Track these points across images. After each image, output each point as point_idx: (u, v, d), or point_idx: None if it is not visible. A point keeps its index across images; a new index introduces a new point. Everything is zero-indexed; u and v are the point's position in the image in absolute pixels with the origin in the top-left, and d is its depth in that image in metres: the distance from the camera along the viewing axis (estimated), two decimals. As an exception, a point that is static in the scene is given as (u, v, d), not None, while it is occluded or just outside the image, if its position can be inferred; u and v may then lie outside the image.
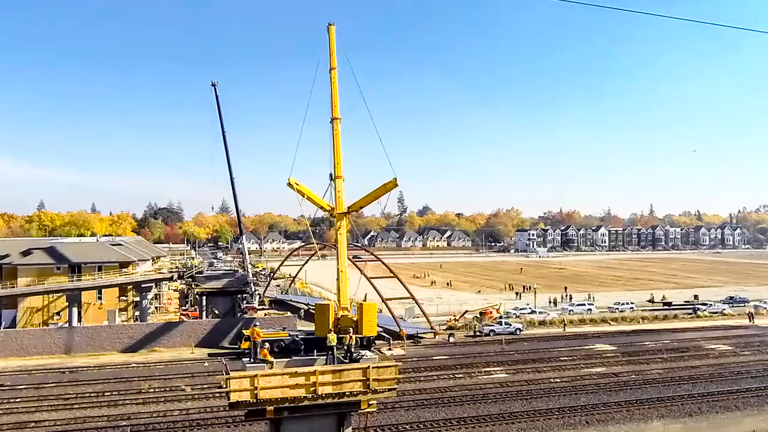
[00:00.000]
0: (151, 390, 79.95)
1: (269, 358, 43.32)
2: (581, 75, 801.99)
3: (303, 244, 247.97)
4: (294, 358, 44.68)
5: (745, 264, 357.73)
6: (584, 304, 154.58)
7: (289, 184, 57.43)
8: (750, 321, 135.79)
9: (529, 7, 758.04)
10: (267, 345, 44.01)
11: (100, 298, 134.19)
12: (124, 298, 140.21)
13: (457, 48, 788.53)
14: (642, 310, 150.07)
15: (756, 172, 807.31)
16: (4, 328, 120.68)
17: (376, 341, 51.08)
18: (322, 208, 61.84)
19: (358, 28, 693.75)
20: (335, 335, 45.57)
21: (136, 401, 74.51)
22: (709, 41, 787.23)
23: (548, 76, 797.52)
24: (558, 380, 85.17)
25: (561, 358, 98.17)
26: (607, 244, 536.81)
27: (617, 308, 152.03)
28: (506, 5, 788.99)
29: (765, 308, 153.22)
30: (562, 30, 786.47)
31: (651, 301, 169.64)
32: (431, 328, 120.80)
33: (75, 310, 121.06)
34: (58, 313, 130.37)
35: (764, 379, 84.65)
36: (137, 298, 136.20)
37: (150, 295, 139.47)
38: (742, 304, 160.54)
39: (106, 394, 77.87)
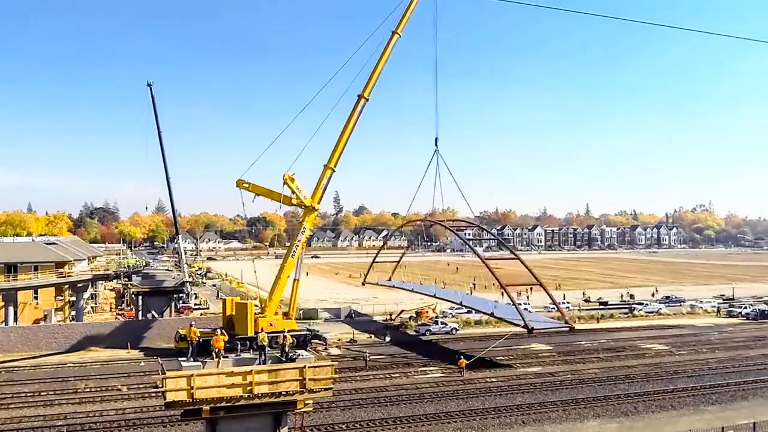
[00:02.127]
0: (87, 390, 79.48)
1: (222, 348, 44.00)
2: (516, 74, 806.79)
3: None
4: (236, 357, 45.07)
5: (681, 263, 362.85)
6: (520, 304, 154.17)
7: (239, 184, 57.87)
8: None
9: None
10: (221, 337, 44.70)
11: (36, 297, 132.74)
12: (61, 297, 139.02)
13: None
14: (578, 310, 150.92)
15: (692, 172, 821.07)
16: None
17: (313, 340, 51.57)
18: (293, 202, 62.90)
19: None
20: (266, 335, 45.92)
21: (72, 401, 74.05)
22: (650, 41, 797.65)
23: (484, 74, 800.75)
24: (494, 380, 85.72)
25: (497, 358, 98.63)
26: (543, 243, 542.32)
27: (553, 308, 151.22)
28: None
29: (701, 308, 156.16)
30: (494, 26, 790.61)
31: (587, 300, 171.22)
32: (566, 321, 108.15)
33: (11, 310, 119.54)
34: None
35: (700, 379, 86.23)
36: (73, 298, 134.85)
37: (86, 295, 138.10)
38: (678, 304, 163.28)
39: (42, 393, 77.22)
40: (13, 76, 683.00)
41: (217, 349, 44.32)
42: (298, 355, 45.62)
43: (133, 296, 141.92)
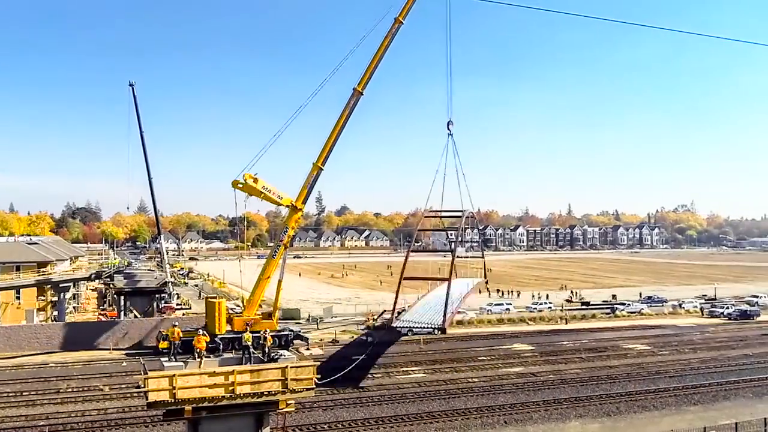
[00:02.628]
0: (69, 390, 78.96)
1: (204, 349, 43.94)
2: (501, 73, 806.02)
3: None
4: (219, 356, 45.09)
5: (663, 264, 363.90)
6: (502, 304, 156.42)
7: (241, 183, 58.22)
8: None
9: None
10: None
11: (18, 297, 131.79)
12: (43, 297, 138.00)
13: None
14: (560, 310, 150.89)
15: (673, 172, 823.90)
16: None
17: (295, 341, 51.55)
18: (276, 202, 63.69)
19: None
20: (250, 334, 45.85)
21: (54, 401, 73.59)
22: (634, 40, 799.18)
23: (469, 72, 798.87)
24: (476, 380, 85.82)
25: (479, 358, 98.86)
26: (525, 243, 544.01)
27: (535, 308, 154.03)
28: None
29: (683, 308, 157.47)
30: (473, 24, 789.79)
31: (569, 300, 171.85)
32: (442, 328, 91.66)
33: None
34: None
35: (682, 379, 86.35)
36: (55, 298, 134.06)
37: (68, 295, 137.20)
38: (660, 304, 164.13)
39: (23, 393, 76.65)
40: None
41: (198, 350, 44.23)
42: (280, 355, 45.63)
43: (115, 296, 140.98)
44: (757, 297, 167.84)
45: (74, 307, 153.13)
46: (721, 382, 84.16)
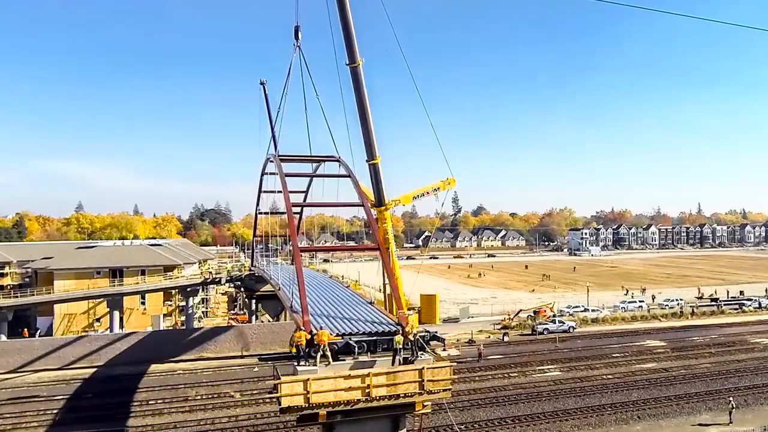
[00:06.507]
0: (198, 397, 79.14)
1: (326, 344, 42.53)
2: (630, 76, 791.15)
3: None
4: (356, 360, 43.99)
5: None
6: (635, 301, 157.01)
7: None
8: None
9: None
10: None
11: (143, 303, 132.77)
12: (170, 302, 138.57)
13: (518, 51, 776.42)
14: (690, 306, 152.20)
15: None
16: (39, 335, 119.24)
17: (431, 342, 50.15)
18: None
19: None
20: (401, 337, 44.48)
21: (182, 409, 73.78)
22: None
23: (597, 78, 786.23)
24: (610, 377, 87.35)
25: (613, 355, 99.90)
26: (657, 242, 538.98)
27: (667, 305, 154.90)
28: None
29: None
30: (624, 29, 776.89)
31: (700, 297, 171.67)
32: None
33: (117, 316, 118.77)
34: (98, 320, 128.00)
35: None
36: (183, 303, 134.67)
37: (197, 299, 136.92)
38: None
39: (150, 402, 76.88)
40: (114, 77, 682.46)
41: (322, 345, 42.23)
42: (417, 356, 44.58)
43: (246, 300, 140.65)
44: None
45: (203, 312, 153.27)
46: None
